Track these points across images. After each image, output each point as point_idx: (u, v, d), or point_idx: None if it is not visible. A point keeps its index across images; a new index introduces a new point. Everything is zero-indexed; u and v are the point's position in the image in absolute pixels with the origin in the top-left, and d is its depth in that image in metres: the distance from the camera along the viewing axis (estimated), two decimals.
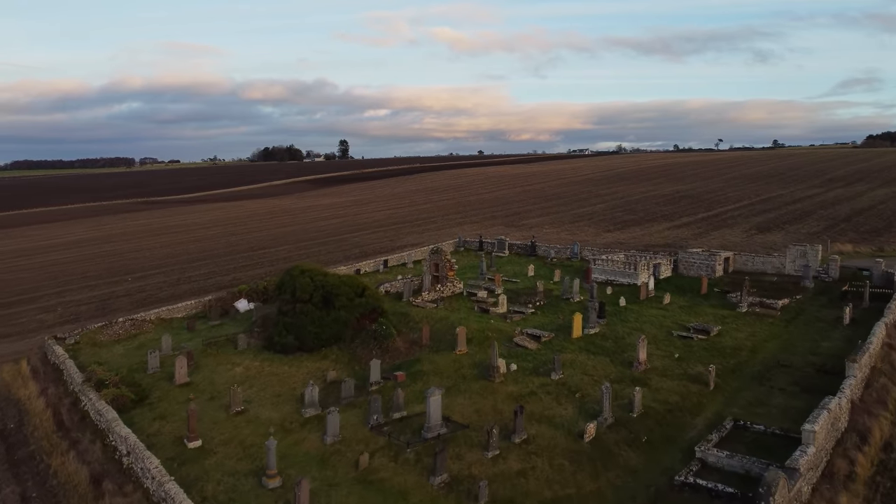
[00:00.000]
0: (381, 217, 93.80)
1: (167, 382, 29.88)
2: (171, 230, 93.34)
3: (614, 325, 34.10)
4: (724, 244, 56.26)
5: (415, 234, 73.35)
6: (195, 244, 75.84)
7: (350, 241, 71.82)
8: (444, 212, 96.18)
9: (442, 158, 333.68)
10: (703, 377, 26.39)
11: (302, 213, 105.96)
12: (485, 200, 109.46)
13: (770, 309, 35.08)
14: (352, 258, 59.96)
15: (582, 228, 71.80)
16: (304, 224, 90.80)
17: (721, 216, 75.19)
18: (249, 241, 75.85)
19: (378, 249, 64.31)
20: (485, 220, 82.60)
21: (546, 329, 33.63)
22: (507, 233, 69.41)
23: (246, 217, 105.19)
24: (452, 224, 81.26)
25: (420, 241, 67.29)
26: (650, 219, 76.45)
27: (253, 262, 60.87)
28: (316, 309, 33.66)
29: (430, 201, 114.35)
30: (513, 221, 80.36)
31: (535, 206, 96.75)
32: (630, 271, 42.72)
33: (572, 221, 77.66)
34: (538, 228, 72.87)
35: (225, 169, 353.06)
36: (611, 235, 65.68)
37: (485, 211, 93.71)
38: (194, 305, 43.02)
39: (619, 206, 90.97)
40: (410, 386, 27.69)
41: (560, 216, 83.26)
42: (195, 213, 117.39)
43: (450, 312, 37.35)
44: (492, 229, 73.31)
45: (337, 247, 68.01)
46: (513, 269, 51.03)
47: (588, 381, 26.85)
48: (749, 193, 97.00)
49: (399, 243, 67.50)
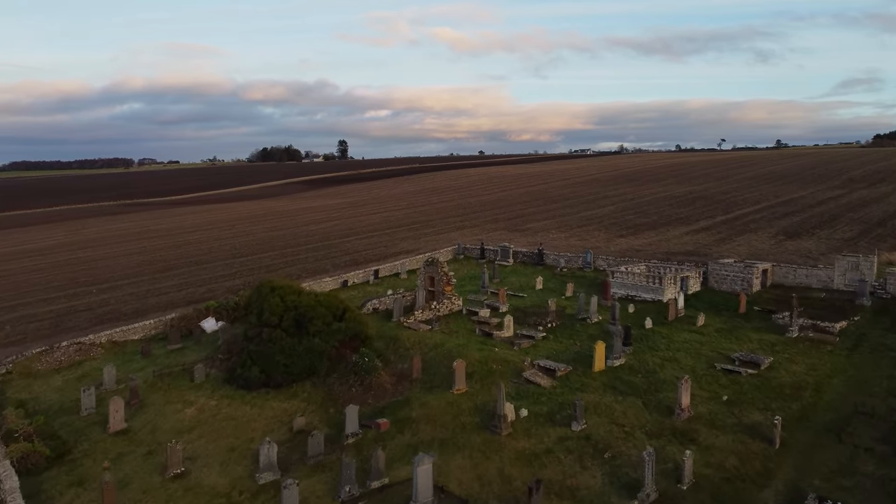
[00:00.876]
0: (376, 220, 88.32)
1: (100, 429, 24.46)
2: (152, 234, 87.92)
3: (642, 353, 28.61)
4: (753, 252, 50.74)
5: (411, 240, 67.89)
6: (174, 250, 70.40)
7: (341, 247, 66.37)
8: (443, 214, 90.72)
9: (442, 158, 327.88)
10: (764, 429, 20.95)
11: (294, 216, 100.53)
12: (486, 202, 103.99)
13: (826, 333, 29.58)
14: (340, 267, 54.51)
15: (591, 233, 66.29)
16: (295, 228, 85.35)
17: (742, 220, 69.66)
18: (233, 247, 70.41)
19: (370, 257, 58.85)
20: (486, 224, 77.15)
21: (561, 359, 28.15)
22: (511, 238, 63.93)
23: (235, 220, 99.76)
24: (452, 228, 75.82)
25: (416, 248, 61.82)
26: (665, 222, 70.93)
27: (232, 272, 55.42)
28: (286, 335, 28.21)
29: (428, 203, 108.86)
30: (516, 225, 74.90)
31: (540, 208, 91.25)
32: (654, 286, 37.24)
33: (580, 225, 72.14)
34: (544, 233, 67.39)
35: (222, 170, 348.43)
36: (624, 241, 60.15)
37: (486, 213, 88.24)
38: (154, 325, 37.53)
39: (629, 208, 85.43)
40: (395, 438, 22.27)
41: (567, 219, 77.78)
42: (182, 216, 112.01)
43: (447, 336, 31.90)
44: (494, 234, 67.87)
45: (326, 254, 62.55)
46: (518, 280, 45.55)
47: (618, 434, 21.39)
48: (767, 195, 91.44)
49: (393, 250, 62.06)
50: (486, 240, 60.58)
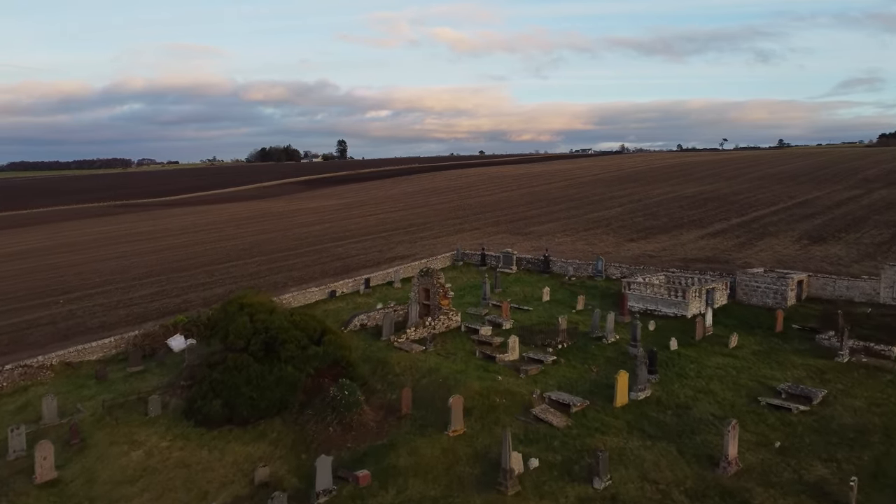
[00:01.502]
0: (371, 223, 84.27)
1: (26, 479, 20.45)
2: (135, 238, 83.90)
3: (670, 383, 24.54)
4: (778, 259, 46.69)
5: (407, 244, 63.83)
6: (155, 255, 66.37)
7: (332, 251, 62.30)
8: (441, 216, 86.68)
9: (441, 158, 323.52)
10: (832, 488, 16.91)
11: (287, 218, 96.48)
12: (486, 203, 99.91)
13: (882, 358, 25.51)
14: (330, 275, 50.47)
15: (599, 237, 62.22)
16: (286, 230, 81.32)
17: (759, 222, 65.60)
18: (217, 252, 66.36)
19: (363, 263, 54.79)
20: (487, 227, 73.10)
21: (576, 390, 24.09)
22: (513, 242, 59.89)
23: (224, 222, 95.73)
24: (450, 231, 71.77)
25: (412, 253, 57.77)
26: (677, 225, 66.86)
27: (212, 280, 51.38)
28: (255, 362, 24.16)
29: (426, 204, 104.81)
30: (519, 228, 70.84)
31: (543, 209, 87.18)
32: (676, 299, 33.16)
33: (587, 228, 68.06)
34: (549, 237, 63.32)
35: (221, 170, 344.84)
36: (635, 246, 56.07)
37: (487, 215, 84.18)
38: (115, 344, 33.46)
39: (637, 209, 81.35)
40: (377, 496, 18.22)
41: (572, 222, 73.71)
42: (171, 218, 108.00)
43: (442, 359, 27.86)
44: (495, 238, 63.82)
45: (316, 259, 58.50)
46: (523, 291, 41.46)
47: (652, 495, 17.32)
48: (781, 195, 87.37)
49: (388, 255, 58.01)
50: (487, 244, 56.54)
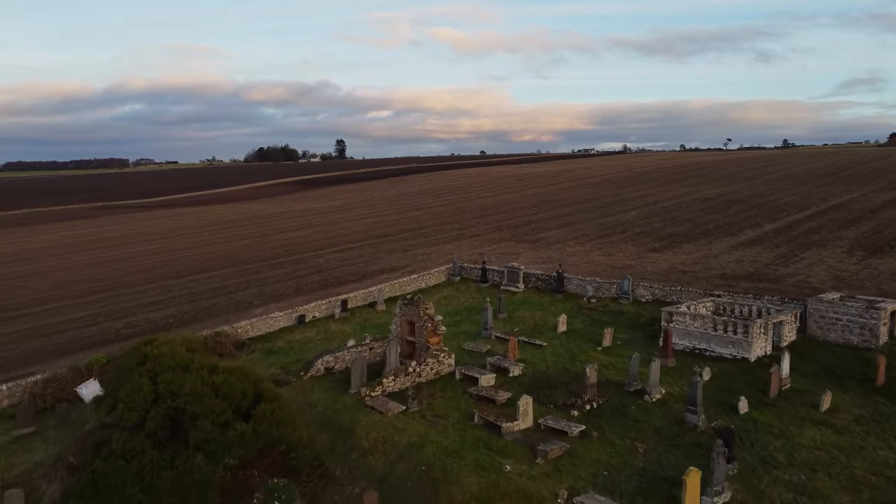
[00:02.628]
0: (360, 227, 76.77)
1: None
2: (105, 244, 76.50)
3: (755, 476, 16.97)
4: (836, 275, 39.15)
5: (398, 253, 56.33)
6: (114, 265, 58.97)
7: (312, 262, 54.84)
8: (438, 220, 79.17)
9: (441, 158, 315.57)
10: None
11: (271, 221, 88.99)
12: (488, 206, 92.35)
13: None
14: (305, 291, 43.03)
15: (617, 245, 54.66)
16: (267, 236, 73.87)
17: (796, 229, 58.04)
18: (185, 262, 58.94)
19: (344, 276, 47.34)
20: (489, 233, 65.58)
21: (620, 489, 16.53)
22: (519, 252, 52.40)
23: (205, 226, 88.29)
24: (448, 237, 64.26)
25: (403, 265, 50.29)
26: (703, 231, 59.29)
27: (167, 298, 43.95)
28: (153, 447, 16.70)
29: (423, 206, 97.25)
30: (524, 234, 63.31)
31: (551, 213, 79.63)
32: (734, 336, 25.59)
33: (601, 235, 60.48)
34: (559, 246, 55.78)
35: (217, 170, 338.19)
36: (661, 258, 48.51)
37: (488, 219, 76.66)
38: (8, 392, 25.96)
39: (654, 213, 73.78)
40: None
41: (584, 227, 66.15)
42: (151, 221, 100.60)
43: (428, 427, 20.37)
44: (498, 246, 56.31)
45: (291, 271, 51.04)
46: (533, 317, 33.94)
47: None
48: (811, 197, 79.81)
49: (375, 266, 50.54)
50: (488, 254, 49.11)
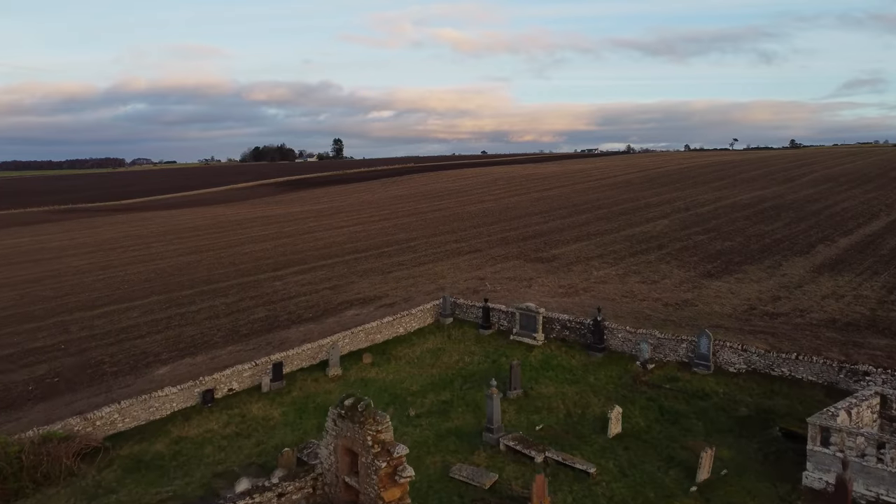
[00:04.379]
0: (339, 237, 64.67)
1: None
2: (29, 257, 64.50)
3: None
4: None
5: (376, 276, 44.26)
6: (22, 288, 46.94)
7: (265, 287, 42.80)
8: (432, 229, 67.12)
9: (440, 158, 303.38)
10: None
11: (238, 229, 76.93)
12: (490, 211, 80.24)
13: None
14: (236, 339, 30.99)
15: (658, 267, 42.53)
16: (225, 249, 61.82)
17: (881, 245, 45.99)
18: (108, 285, 46.92)
19: (298, 312, 35.29)
20: (492, 248, 53.55)
21: None
22: (531, 275, 40.30)
23: (160, 235, 76.25)
24: (441, 253, 52.21)
25: (380, 294, 38.20)
26: (761, 248, 47.16)
27: (54, 343, 31.93)
28: None
29: (416, 212, 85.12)
30: (536, 250, 51.29)
31: (565, 221, 67.55)
32: None
33: (634, 252, 48.33)
34: (582, 266, 43.67)
35: (208, 170, 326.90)
36: (724, 287, 36.29)
37: (491, 229, 64.61)
38: None
39: (689, 222, 61.64)
40: None
41: (609, 240, 54.05)
42: (105, 227, 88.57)
43: None
44: (504, 267, 44.26)
45: (233, 303, 39.01)
46: (563, 399, 21.77)
47: None
48: (873, 203, 67.76)
49: (343, 296, 38.50)
50: (491, 277, 37.15)
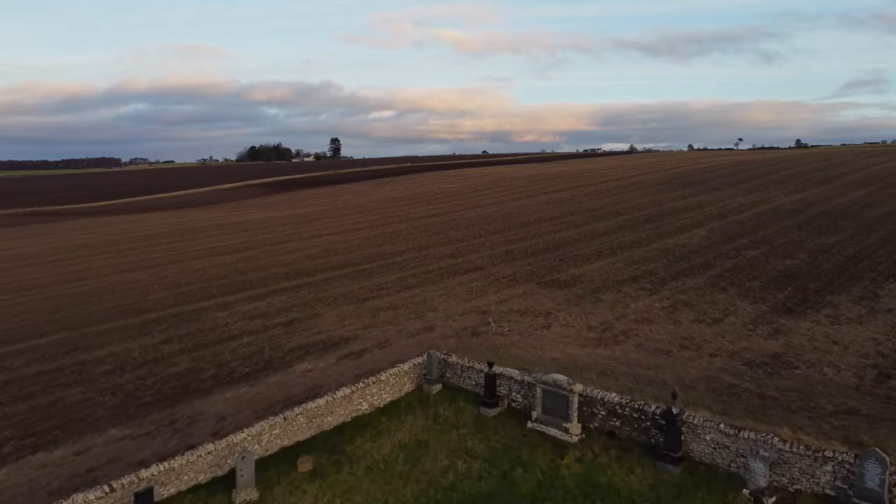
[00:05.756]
0: (315, 250, 54.73)
1: None
2: None
3: None
4: None
5: (349, 305, 34.33)
6: None
7: (203, 322, 32.89)
8: (424, 239, 57.23)
9: (439, 158, 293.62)
10: None
11: (202, 238, 67.10)
12: (492, 217, 70.35)
13: None
14: (125, 416, 21.12)
15: (713, 297, 32.60)
16: (176, 263, 51.96)
17: None
18: (2, 314, 37.05)
19: (232, 365, 25.40)
20: (496, 265, 43.67)
21: None
22: (549, 309, 30.35)
23: (112, 244, 66.45)
24: (432, 273, 42.32)
25: (349, 334, 28.27)
26: (837, 268, 37.23)
27: None
28: None
29: (408, 217, 75.20)
30: (551, 269, 41.38)
31: (581, 230, 57.62)
32: None
33: (676, 273, 38.38)
34: (616, 295, 33.73)
35: (200, 170, 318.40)
36: (821, 334, 26.37)
37: (494, 239, 54.76)
38: None
39: (730, 232, 51.69)
40: None
41: (640, 257, 44.12)
42: (56, 234, 78.80)
43: None
44: (511, 293, 34.35)
45: (157, 343, 29.13)
46: None
47: None
48: None
49: (299, 338, 28.62)
50: (496, 312, 27.31)
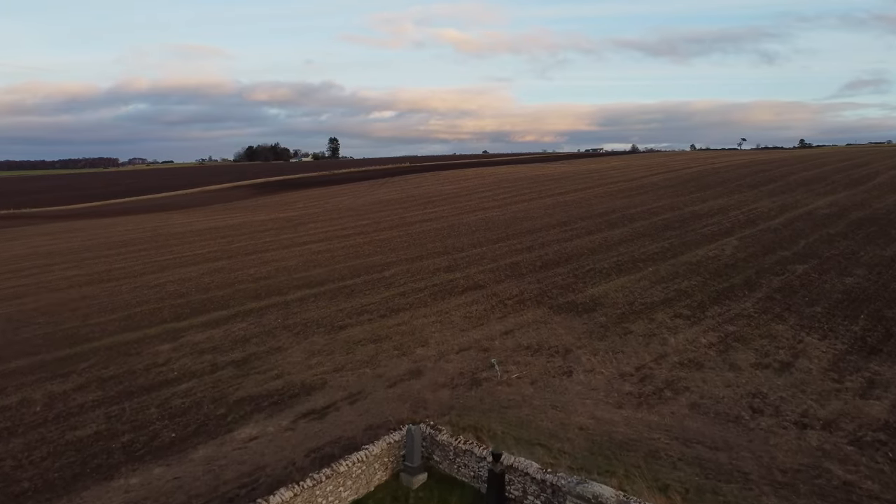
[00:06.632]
0: (292, 262, 48.26)
1: None
2: None
3: None
4: None
5: (321, 335, 27.93)
6: None
7: (147, 354, 26.53)
8: (418, 249, 50.88)
9: (438, 158, 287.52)
10: None
11: (172, 246, 60.74)
12: (493, 222, 63.98)
13: None
14: None
15: (773, 331, 26.26)
16: (137, 277, 45.66)
17: None
18: None
19: (161, 422, 19.03)
20: (499, 281, 37.31)
21: None
22: (567, 344, 23.96)
23: (76, 251, 60.18)
24: (425, 290, 35.95)
25: (315, 380, 21.82)
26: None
27: None
28: None
29: (402, 223, 68.79)
30: (564, 286, 35.04)
31: (594, 237, 51.26)
32: None
33: (716, 295, 31.97)
34: (648, 326, 27.41)
35: (200, 170, 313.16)
36: None
37: (496, 249, 48.42)
38: None
39: (769, 241, 45.28)
40: None
41: (668, 272, 37.74)
42: (15, 241, 72.62)
43: None
44: (519, 321, 28.00)
45: (71, 389, 22.80)
46: None
47: None
48: None
49: (251, 384, 22.25)
50: (500, 348, 20.98)
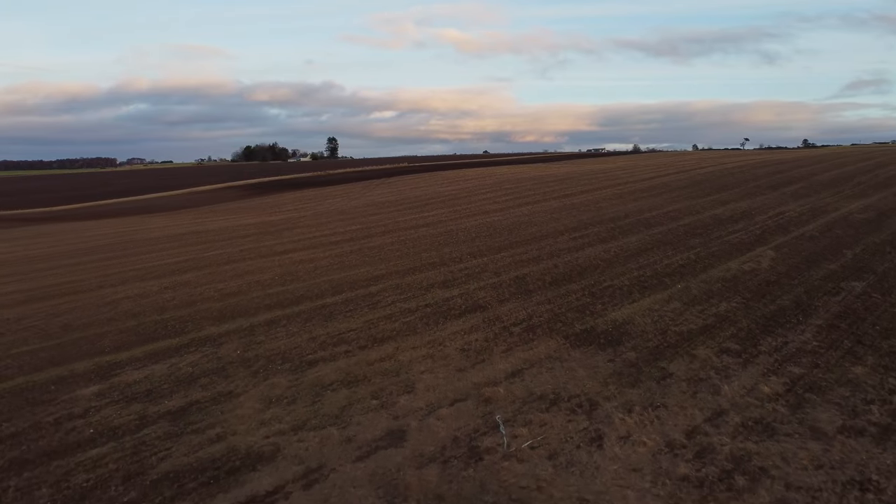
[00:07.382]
0: (268, 274, 43.01)
1: None
2: None
3: None
4: None
5: (284, 374, 22.72)
6: None
7: (63, 403, 21.33)
8: (411, 259, 45.65)
9: (437, 158, 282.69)
10: None
11: (139, 255, 55.72)
12: (495, 228, 58.67)
13: None
14: None
15: (843, 368, 21.03)
16: (89, 292, 40.43)
17: None
18: None
19: None
20: (503, 302, 32.03)
21: None
22: (591, 388, 18.52)
23: (35, 260, 55.28)
24: (416, 312, 30.66)
25: (264, 450, 16.43)
26: None
27: None
28: None
29: (395, 228, 63.61)
30: (581, 309, 29.77)
31: (608, 246, 45.98)
32: None
33: (765, 325, 26.65)
34: (686, 362, 22.18)
35: (197, 171, 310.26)
36: None
37: (498, 258, 43.16)
38: None
39: (810, 252, 40.07)
40: None
41: (700, 291, 32.47)
42: None
43: None
44: (528, 356, 22.76)
45: None
46: None
47: None
48: None
49: (181, 454, 16.98)
50: (506, 402, 15.75)
